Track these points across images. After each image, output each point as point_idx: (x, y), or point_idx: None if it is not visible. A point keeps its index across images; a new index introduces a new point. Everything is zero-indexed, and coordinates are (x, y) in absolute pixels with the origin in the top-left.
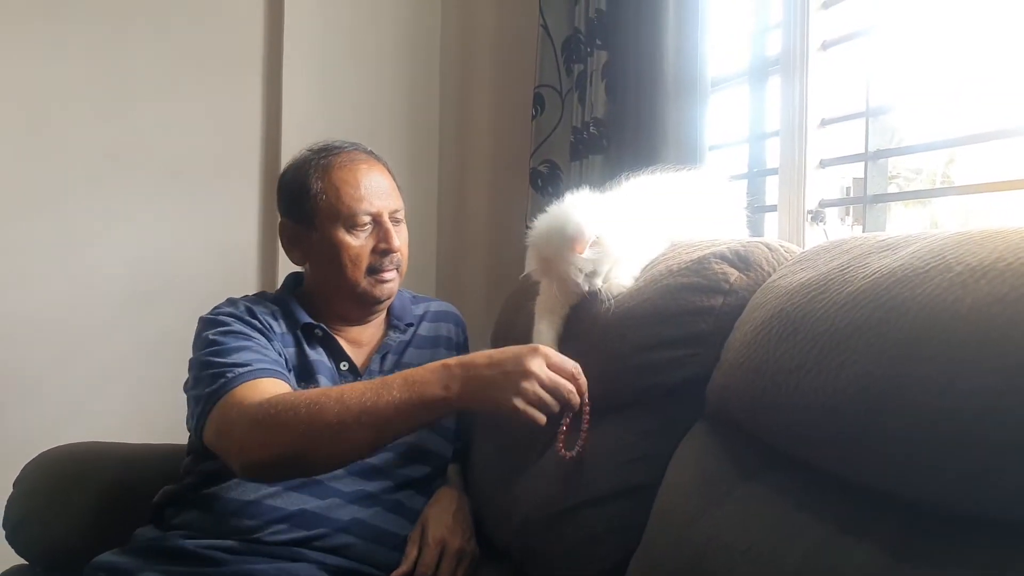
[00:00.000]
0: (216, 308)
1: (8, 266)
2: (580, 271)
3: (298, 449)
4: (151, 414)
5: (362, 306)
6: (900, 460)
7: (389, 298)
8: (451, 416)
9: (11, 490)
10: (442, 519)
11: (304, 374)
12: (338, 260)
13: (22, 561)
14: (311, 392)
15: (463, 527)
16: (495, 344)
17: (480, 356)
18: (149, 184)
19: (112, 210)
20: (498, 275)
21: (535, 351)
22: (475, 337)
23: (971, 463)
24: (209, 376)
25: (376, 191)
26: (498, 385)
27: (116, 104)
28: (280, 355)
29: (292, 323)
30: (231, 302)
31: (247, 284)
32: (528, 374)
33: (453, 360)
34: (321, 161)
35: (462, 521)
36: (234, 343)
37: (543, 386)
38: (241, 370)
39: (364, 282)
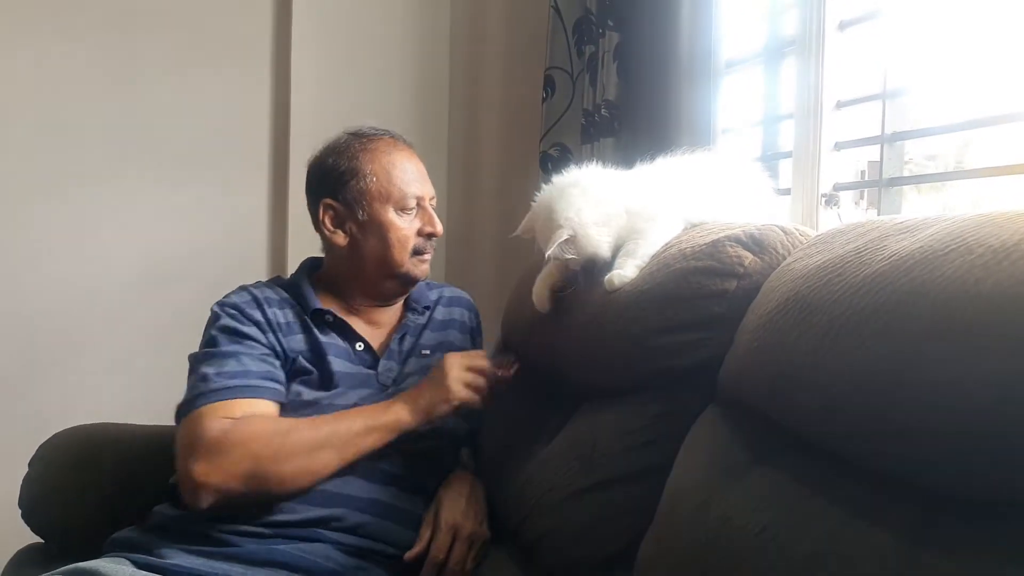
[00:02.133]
0: (225, 297)
1: (22, 252)
2: (555, 254)
3: (263, 464)
4: (164, 396)
5: (400, 285)
6: (917, 444)
7: (424, 278)
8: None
9: (27, 470)
10: (455, 503)
11: (316, 357)
12: (386, 240)
13: (38, 540)
14: (283, 420)
15: (476, 511)
16: (505, 329)
17: (417, 389)
18: (159, 170)
19: (123, 196)
20: (508, 259)
21: (447, 357)
22: (485, 321)
23: (991, 447)
24: (189, 386)
25: (419, 176)
26: (434, 387)
27: (126, 91)
28: (277, 350)
29: (303, 309)
30: (241, 290)
31: (257, 269)
32: (453, 367)
33: (405, 395)
34: (368, 144)
35: (475, 505)
36: (226, 347)
37: (470, 369)
38: (211, 386)
39: (408, 263)
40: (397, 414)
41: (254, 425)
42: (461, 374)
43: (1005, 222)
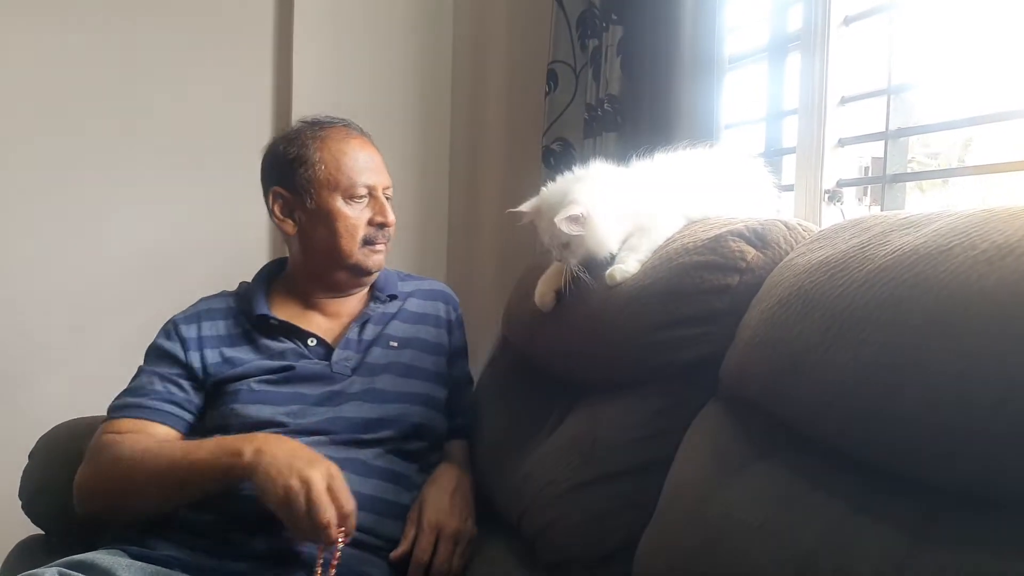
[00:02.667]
0: (174, 316)
1: (23, 243)
2: (555, 237)
3: (111, 497)
4: None
5: (353, 275)
6: (918, 440)
7: (378, 269)
8: (441, 398)
9: (27, 461)
10: (439, 502)
11: (261, 360)
12: (333, 229)
13: (39, 531)
14: (141, 444)
15: (460, 508)
16: (507, 323)
17: (289, 442)
18: (161, 160)
19: (125, 186)
20: (509, 254)
21: (328, 468)
22: (486, 315)
23: (992, 444)
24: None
25: (372, 166)
26: (276, 470)
27: (127, 81)
28: (195, 367)
29: (246, 318)
30: (192, 305)
31: (258, 259)
32: (304, 479)
33: (269, 436)
34: (319, 132)
35: (459, 502)
36: (146, 364)
37: (308, 497)
38: (122, 401)
39: (358, 253)
40: (237, 461)
41: (122, 446)
42: (312, 488)
43: (1009, 218)
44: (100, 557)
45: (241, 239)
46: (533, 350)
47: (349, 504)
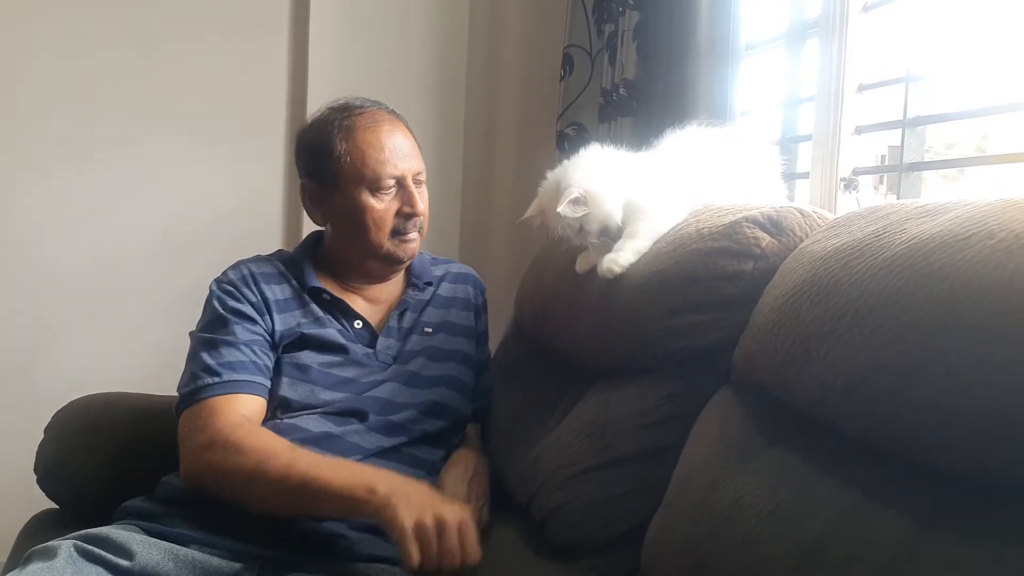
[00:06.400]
0: (222, 275)
1: (39, 219)
2: (567, 226)
3: (229, 492)
4: (178, 366)
5: (386, 265)
6: (931, 429)
7: (412, 257)
8: (469, 382)
9: (42, 436)
10: (457, 489)
11: (316, 331)
12: (362, 222)
13: (53, 505)
14: (269, 445)
15: (476, 495)
16: (519, 308)
17: (419, 485)
18: (176, 139)
19: (140, 164)
20: (523, 238)
21: (460, 513)
22: (499, 300)
23: (1006, 434)
24: (191, 371)
25: (400, 153)
26: (409, 502)
27: (144, 59)
28: (269, 330)
29: (301, 285)
30: (237, 267)
31: (272, 239)
32: (438, 516)
33: (400, 477)
34: (344, 121)
35: (476, 489)
36: (225, 332)
37: (436, 523)
38: (216, 379)
39: (388, 244)
40: (371, 493)
41: (250, 447)
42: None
43: None
44: (115, 532)
45: (255, 217)
46: (545, 335)
47: (475, 553)
